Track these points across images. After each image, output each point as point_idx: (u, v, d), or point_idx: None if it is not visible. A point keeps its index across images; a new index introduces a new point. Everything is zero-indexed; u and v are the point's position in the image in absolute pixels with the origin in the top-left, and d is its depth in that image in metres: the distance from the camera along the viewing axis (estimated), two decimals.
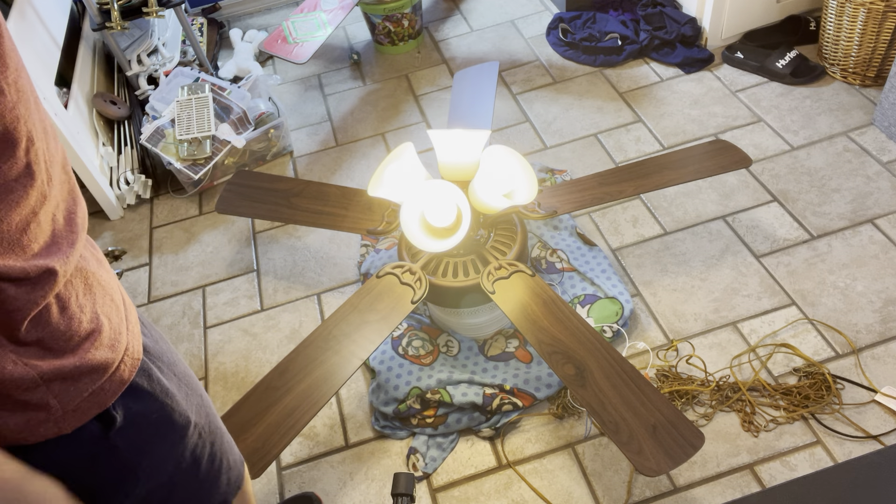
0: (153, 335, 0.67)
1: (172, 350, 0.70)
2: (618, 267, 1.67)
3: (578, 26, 2.36)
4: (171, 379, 0.66)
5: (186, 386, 0.69)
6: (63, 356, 0.54)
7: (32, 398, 0.52)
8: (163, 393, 0.63)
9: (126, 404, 0.59)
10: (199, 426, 0.69)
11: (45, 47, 1.91)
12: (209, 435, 0.72)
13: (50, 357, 0.53)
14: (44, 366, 0.52)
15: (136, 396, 0.60)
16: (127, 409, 0.59)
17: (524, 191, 1.28)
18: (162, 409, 0.63)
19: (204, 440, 0.70)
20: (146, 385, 0.61)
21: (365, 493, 1.36)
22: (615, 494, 1.29)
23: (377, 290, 1.33)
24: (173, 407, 0.64)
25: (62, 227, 0.55)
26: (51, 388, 0.53)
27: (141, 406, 0.61)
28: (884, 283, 1.53)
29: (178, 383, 0.67)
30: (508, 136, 2.08)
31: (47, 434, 0.54)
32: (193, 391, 0.70)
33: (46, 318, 0.52)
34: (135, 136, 2.10)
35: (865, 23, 1.86)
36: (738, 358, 1.45)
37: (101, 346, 0.56)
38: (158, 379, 0.63)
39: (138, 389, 0.60)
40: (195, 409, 0.69)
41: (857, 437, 1.30)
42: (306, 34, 2.21)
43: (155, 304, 1.78)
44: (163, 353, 0.67)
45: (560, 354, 1.19)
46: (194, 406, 0.69)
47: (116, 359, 0.57)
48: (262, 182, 1.62)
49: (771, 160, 1.85)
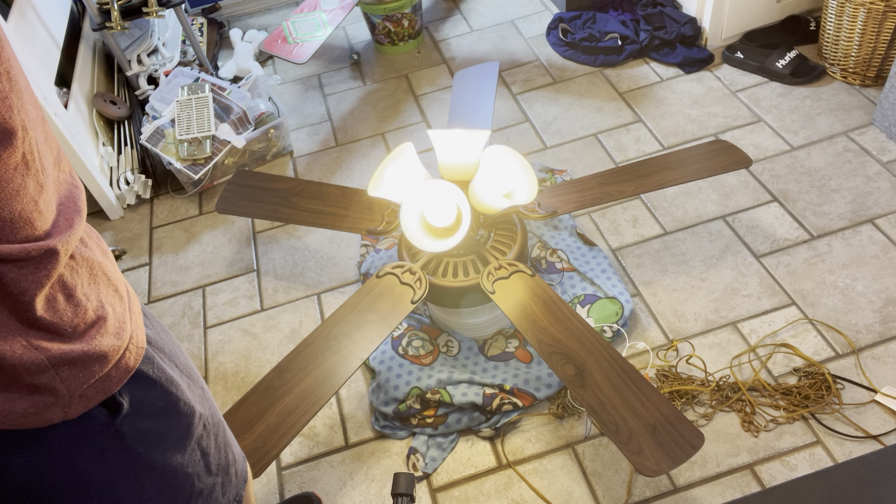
0: (155, 327, 0.68)
1: (174, 342, 0.71)
2: (618, 267, 1.67)
3: (578, 26, 2.36)
4: (173, 370, 0.66)
5: (188, 378, 0.69)
6: (71, 342, 0.55)
7: (40, 382, 0.53)
8: (167, 381, 0.64)
9: (132, 392, 0.60)
10: (204, 417, 0.70)
11: (45, 47, 1.91)
12: (213, 427, 0.72)
13: (58, 342, 0.54)
14: (53, 350, 0.53)
15: (141, 384, 0.61)
16: (133, 397, 0.60)
17: (524, 191, 1.29)
18: (167, 397, 0.64)
19: (209, 431, 0.71)
20: (151, 373, 0.62)
21: (365, 493, 1.36)
22: (615, 494, 1.29)
23: (377, 290, 1.33)
24: (178, 396, 0.65)
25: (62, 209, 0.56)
26: (59, 372, 0.54)
27: (146, 394, 0.62)
28: (884, 283, 1.53)
29: (181, 374, 0.68)
30: (508, 136, 2.08)
31: (53, 419, 0.55)
32: (195, 383, 0.71)
33: (54, 305, 0.53)
34: (135, 136, 2.10)
35: (865, 23, 1.86)
36: (738, 358, 1.45)
37: (106, 334, 0.57)
38: (162, 368, 0.64)
39: (143, 377, 0.61)
40: (198, 401, 0.70)
41: (857, 437, 1.30)
42: (306, 34, 2.21)
43: (155, 304, 1.78)
44: (164, 345, 0.68)
45: (560, 354, 1.19)
46: (197, 397, 0.70)
47: (122, 346, 0.59)
48: (261, 182, 1.62)
49: (771, 160, 1.85)
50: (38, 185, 0.52)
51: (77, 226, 0.56)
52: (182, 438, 0.67)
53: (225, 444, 0.75)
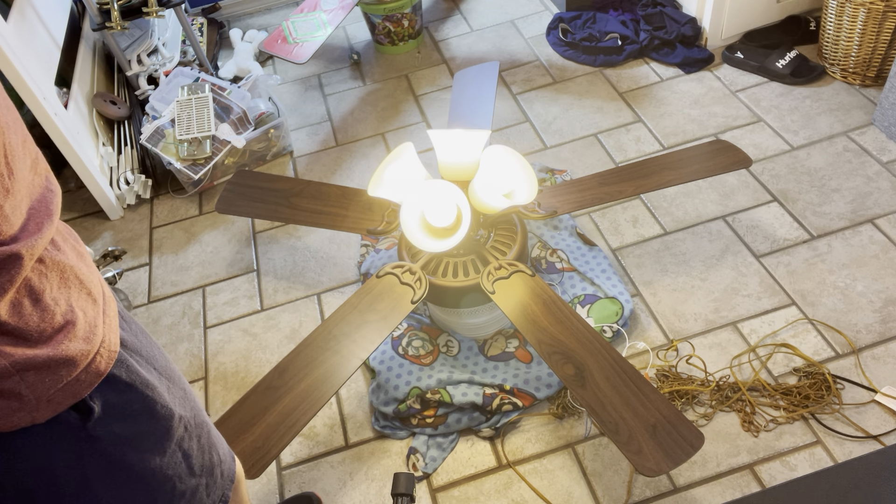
0: (133, 329, 0.68)
1: (153, 344, 0.71)
2: (618, 267, 1.67)
3: (578, 26, 2.36)
4: (150, 372, 0.66)
5: (168, 380, 0.69)
6: (37, 346, 0.54)
7: (5, 387, 0.53)
8: (143, 384, 0.64)
9: (104, 395, 0.60)
10: (185, 419, 0.70)
11: (45, 47, 1.91)
12: (195, 428, 0.72)
13: (23, 346, 0.53)
14: (17, 355, 0.53)
15: (114, 388, 0.61)
16: (105, 400, 0.60)
17: (524, 191, 1.29)
18: (143, 400, 0.64)
19: (191, 433, 0.71)
20: (125, 376, 0.62)
21: (365, 493, 1.36)
22: (615, 494, 1.29)
23: (377, 290, 1.33)
24: (155, 399, 0.65)
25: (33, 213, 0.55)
26: (24, 377, 0.53)
27: (120, 397, 0.62)
28: (884, 283, 1.53)
29: (159, 377, 0.67)
30: (508, 136, 2.08)
31: (20, 423, 0.55)
32: (176, 385, 0.71)
33: (19, 310, 0.53)
34: (135, 136, 2.10)
35: (865, 23, 1.86)
36: (738, 358, 1.45)
37: (75, 338, 0.57)
38: (137, 371, 0.64)
39: (116, 381, 0.61)
40: (179, 403, 0.69)
41: (857, 437, 1.30)
42: (306, 34, 2.21)
43: (155, 304, 1.78)
44: (142, 348, 0.67)
45: (560, 354, 1.19)
46: (178, 399, 0.69)
47: (92, 351, 0.58)
48: (261, 182, 1.62)
49: (771, 160, 1.85)
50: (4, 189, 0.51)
51: (46, 230, 0.55)
52: (161, 441, 0.67)
53: (209, 444, 0.75)
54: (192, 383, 1.59)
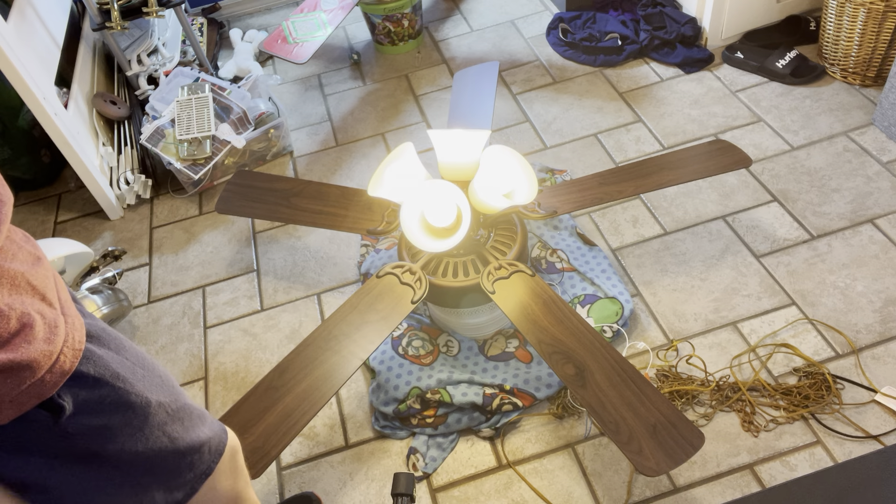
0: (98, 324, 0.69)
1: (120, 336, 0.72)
2: (618, 267, 1.67)
3: (578, 26, 2.36)
4: (121, 364, 0.67)
5: (142, 368, 0.70)
6: None
7: None
8: (113, 377, 0.64)
9: (74, 392, 0.60)
10: (164, 404, 0.71)
11: (45, 47, 1.91)
12: (177, 411, 0.73)
13: None
14: None
15: (83, 384, 0.61)
16: (76, 397, 0.60)
17: (524, 191, 1.29)
18: (115, 392, 0.64)
19: (172, 416, 0.72)
20: (93, 371, 0.62)
21: (365, 493, 1.36)
22: (615, 494, 1.29)
23: (377, 290, 1.33)
24: (128, 389, 0.66)
25: None
26: None
27: (91, 393, 0.62)
28: (884, 283, 1.53)
29: (133, 367, 0.68)
30: (508, 136, 2.08)
31: None
32: (150, 372, 0.71)
33: None
34: (135, 136, 2.10)
35: (865, 23, 1.86)
36: (738, 358, 1.45)
37: (35, 340, 0.57)
38: (106, 365, 0.64)
39: (84, 377, 0.62)
40: (156, 389, 0.70)
41: (857, 437, 1.30)
42: (306, 34, 2.21)
43: (155, 304, 1.78)
44: (110, 340, 0.68)
45: (560, 354, 1.19)
46: (154, 386, 0.70)
47: (55, 351, 0.58)
48: (261, 182, 1.62)
49: (771, 160, 1.85)
50: None
51: None
52: (141, 428, 0.67)
53: (192, 424, 0.76)
54: (192, 383, 1.59)
